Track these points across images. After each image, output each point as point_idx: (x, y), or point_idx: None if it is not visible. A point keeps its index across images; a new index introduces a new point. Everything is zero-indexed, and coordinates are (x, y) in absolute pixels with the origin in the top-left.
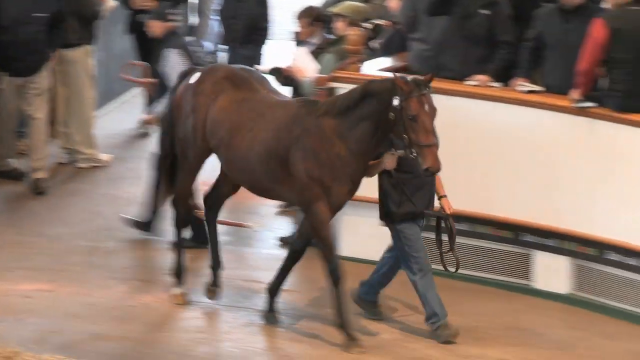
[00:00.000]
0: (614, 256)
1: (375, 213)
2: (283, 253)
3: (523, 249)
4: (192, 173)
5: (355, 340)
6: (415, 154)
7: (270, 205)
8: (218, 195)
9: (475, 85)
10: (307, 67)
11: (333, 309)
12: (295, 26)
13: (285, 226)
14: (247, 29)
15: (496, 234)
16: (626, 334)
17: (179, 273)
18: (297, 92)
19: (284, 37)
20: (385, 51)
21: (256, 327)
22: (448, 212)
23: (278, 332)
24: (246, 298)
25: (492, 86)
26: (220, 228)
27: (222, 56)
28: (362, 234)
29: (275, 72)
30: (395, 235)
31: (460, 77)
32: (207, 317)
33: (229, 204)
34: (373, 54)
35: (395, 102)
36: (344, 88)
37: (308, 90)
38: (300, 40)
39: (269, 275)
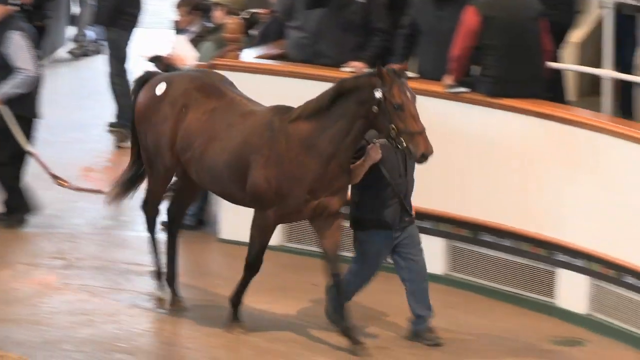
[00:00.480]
0: (487, 237)
1: None
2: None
3: None
4: (162, 182)
5: (238, 321)
6: (403, 144)
7: None
8: (180, 205)
9: (350, 72)
10: (187, 55)
11: (235, 291)
12: (174, 15)
13: None
14: (114, 11)
15: None
16: (500, 312)
17: (158, 275)
18: None
19: (164, 26)
20: (263, 39)
21: (139, 309)
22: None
23: (162, 315)
24: (129, 281)
25: None
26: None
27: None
28: (241, 218)
29: (156, 59)
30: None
31: (337, 64)
32: (91, 300)
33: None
34: (251, 41)
35: (378, 94)
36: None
37: None
38: (179, 29)
39: (150, 258)
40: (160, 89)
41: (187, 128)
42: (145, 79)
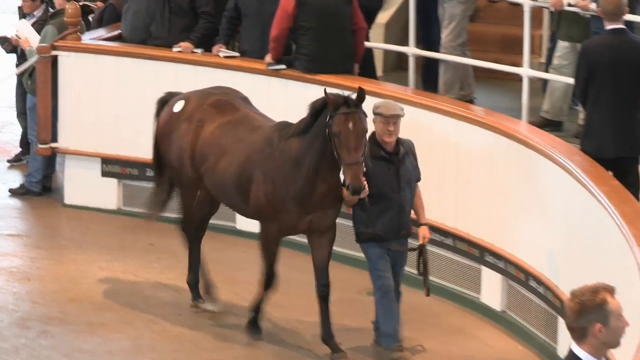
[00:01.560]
0: None
1: (97, 166)
2: (15, 202)
3: None
4: (190, 195)
5: (258, 328)
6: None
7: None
8: (203, 216)
9: (180, 52)
10: (30, 37)
11: (254, 303)
12: (19, 0)
13: (16, 178)
14: None
15: None
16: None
17: (194, 286)
18: (21, 59)
19: (9, 10)
20: (101, 23)
21: None
22: (421, 241)
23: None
24: None
25: (195, 52)
26: None
27: None
28: (84, 185)
29: (3, 41)
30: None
31: (168, 45)
32: None
33: None
34: (90, 25)
35: (328, 118)
36: (65, 55)
37: (31, 58)
38: (24, 14)
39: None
40: (179, 106)
41: (202, 142)
42: (166, 100)
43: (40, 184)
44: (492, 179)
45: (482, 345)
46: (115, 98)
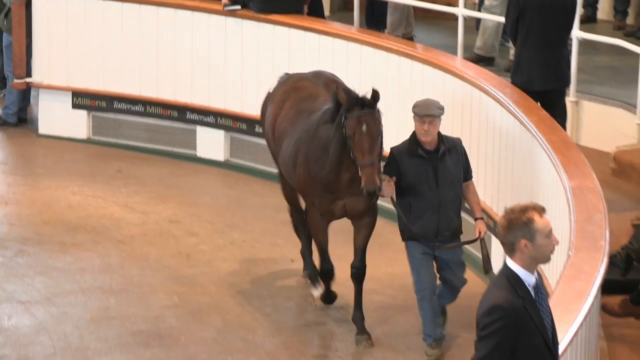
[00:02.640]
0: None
1: (68, 99)
2: None
3: (188, 125)
4: (282, 177)
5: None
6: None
7: None
8: (294, 195)
9: None
10: None
11: (323, 292)
12: None
13: None
14: None
15: (165, 113)
16: (271, 189)
17: (313, 276)
18: None
19: None
20: None
21: None
22: (477, 235)
23: None
24: None
25: None
26: None
27: None
28: (56, 116)
29: None
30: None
31: None
32: None
33: None
34: None
35: (343, 118)
36: None
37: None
38: None
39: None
40: (271, 87)
41: (278, 123)
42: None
43: (16, 115)
44: None
45: None
46: (84, 36)
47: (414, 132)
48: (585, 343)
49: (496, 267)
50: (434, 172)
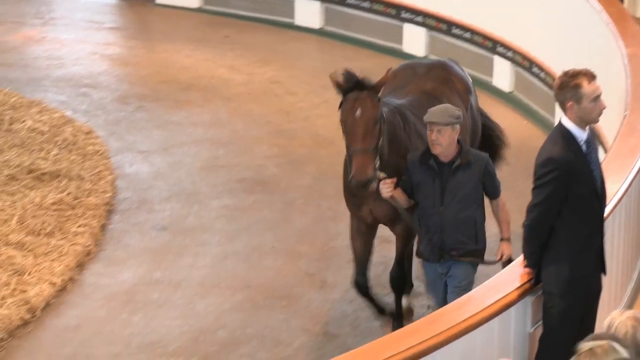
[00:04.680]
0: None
1: None
2: (114, 1)
3: None
4: None
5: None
6: None
7: None
8: None
9: None
10: None
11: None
12: None
13: None
14: None
15: None
16: (363, 55)
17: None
18: None
19: None
20: None
21: (98, 55)
22: (497, 257)
23: None
24: (90, 35)
25: None
26: None
27: None
28: None
29: None
30: None
31: None
32: (62, 48)
33: None
34: None
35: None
36: None
37: None
38: None
39: None
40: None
41: None
42: None
43: None
44: None
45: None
46: None
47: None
48: (638, 192)
49: None
50: (441, 187)
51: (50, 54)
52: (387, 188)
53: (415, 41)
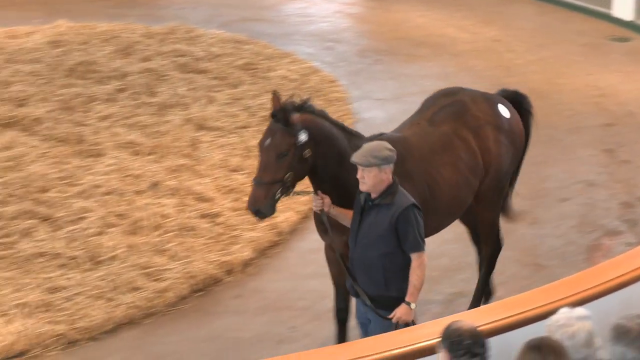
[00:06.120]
0: None
1: None
2: None
3: None
4: None
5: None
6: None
7: None
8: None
9: None
10: None
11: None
12: None
13: None
14: None
15: None
16: (576, 18)
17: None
18: None
19: None
20: None
21: (342, 13)
22: (390, 316)
23: None
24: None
25: None
26: None
27: None
28: None
29: None
30: None
31: None
32: (311, 6)
33: None
34: None
35: None
36: None
37: None
38: None
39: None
40: None
41: None
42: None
43: None
44: None
45: None
46: None
47: None
48: None
49: None
50: (358, 224)
51: (301, 12)
52: (316, 201)
53: (624, 6)
